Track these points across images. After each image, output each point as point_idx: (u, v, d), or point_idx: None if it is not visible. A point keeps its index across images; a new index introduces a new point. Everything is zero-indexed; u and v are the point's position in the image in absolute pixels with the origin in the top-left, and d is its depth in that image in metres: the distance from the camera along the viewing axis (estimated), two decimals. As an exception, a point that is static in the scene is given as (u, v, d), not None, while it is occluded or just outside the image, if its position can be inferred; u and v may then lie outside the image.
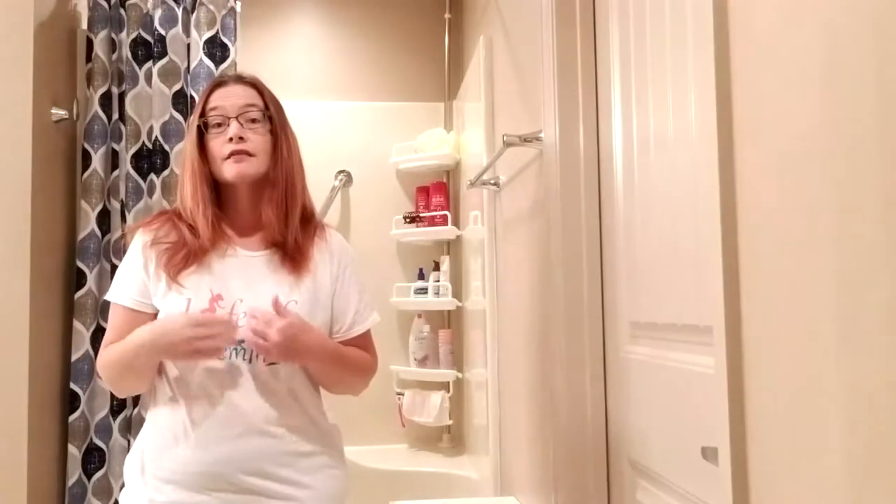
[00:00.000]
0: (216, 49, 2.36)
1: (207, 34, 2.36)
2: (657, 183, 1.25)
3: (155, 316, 1.34)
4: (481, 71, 2.43)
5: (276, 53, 3.14)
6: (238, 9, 2.44)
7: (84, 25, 2.42)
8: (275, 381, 1.33)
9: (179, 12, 2.38)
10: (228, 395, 1.29)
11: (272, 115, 1.39)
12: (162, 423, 1.32)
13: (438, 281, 2.96)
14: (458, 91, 3.08)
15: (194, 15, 2.37)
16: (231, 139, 1.33)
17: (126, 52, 2.37)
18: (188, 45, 2.39)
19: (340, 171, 3.10)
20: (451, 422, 2.94)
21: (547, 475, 1.66)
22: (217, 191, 1.39)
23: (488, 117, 2.39)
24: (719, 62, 0.90)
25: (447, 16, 3.14)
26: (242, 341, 1.29)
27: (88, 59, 2.36)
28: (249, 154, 1.34)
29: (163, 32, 2.36)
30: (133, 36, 2.38)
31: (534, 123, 1.75)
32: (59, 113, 2.21)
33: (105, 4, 2.37)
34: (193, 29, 2.37)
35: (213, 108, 1.35)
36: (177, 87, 2.35)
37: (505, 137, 1.78)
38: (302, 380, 1.37)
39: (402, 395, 2.99)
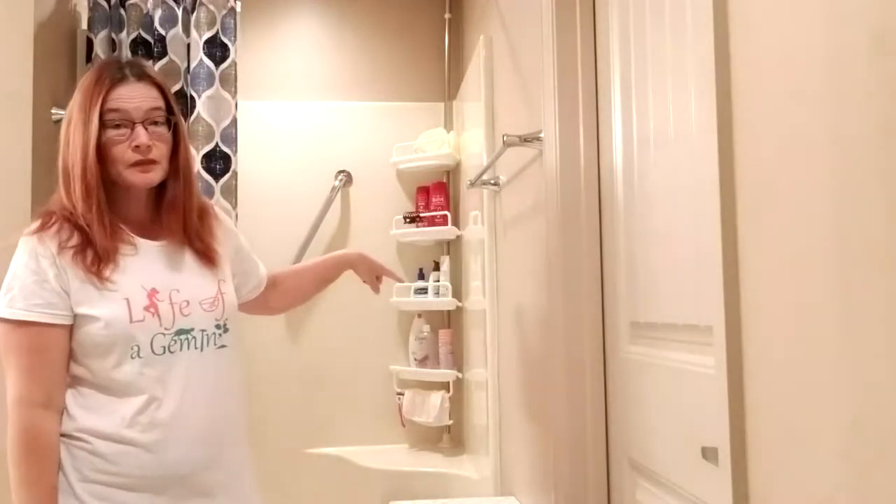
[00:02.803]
0: (216, 49, 2.37)
1: (207, 34, 2.36)
2: (657, 182, 1.25)
3: (70, 329, 1.23)
4: (481, 71, 2.43)
5: (276, 53, 3.14)
6: (238, 9, 2.44)
7: (84, 25, 2.42)
8: (225, 366, 1.33)
9: (179, 12, 2.38)
10: (184, 386, 1.26)
11: (176, 121, 1.34)
12: (99, 424, 1.22)
13: (438, 281, 2.96)
14: (458, 91, 3.08)
15: (194, 15, 2.38)
16: (138, 147, 1.26)
17: (126, 52, 2.37)
18: (188, 46, 2.39)
19: (340, 171, 3.10)
20: (451, 422, 2.94)
21: (547, 475, 1.66)
22: (106, 186, 1.29)
23: (488, 117, 2.39)
24: (719, 61, 0.90)
25: (447, 16, 3.14)
26: (190, 330, 1.28)
27: (88, 59, 2.36)
28: (154, 162, 1.28)
29: (163, 32, 2.36)
30: (133, 36, 2.38)
31: (534, 123, 1.75)
32: (59, 113, 2.21)
33: (105, 4, 2.37)
34: (193, 29, 2.37)
35: (115, 110, 1.26)
36: (176, 87, 2.35)
37: (505, 137, 1.78)
38: (239, 360, 1.39)
39: (402, 395, 2.99)
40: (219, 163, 2.37)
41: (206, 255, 1.37)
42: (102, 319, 1.22)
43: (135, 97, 1.28)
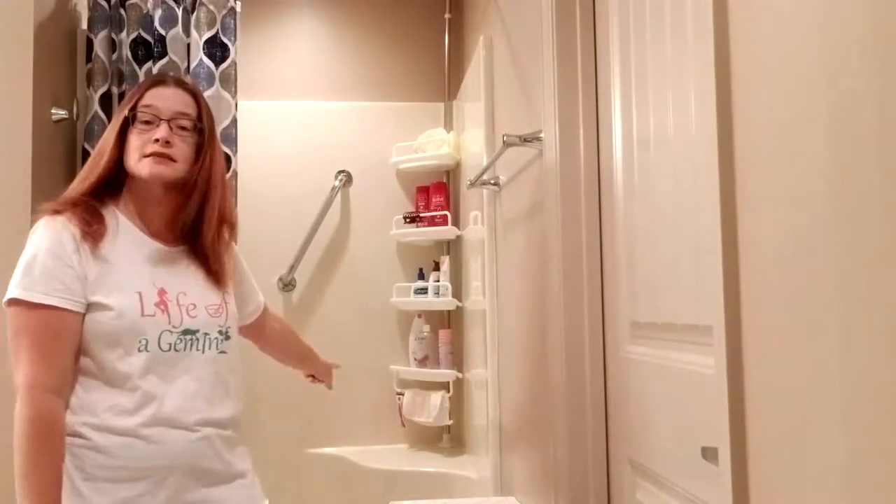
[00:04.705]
0: (216, 49, 2.36)
1: (207, 34, 2.36)
2: (657, 182, 1.25)
3: (82, 317, 1.24)
4: (481, 71, 2.43)
5: (276, 53, 3.14)
6: (238, 9, 2.44)
7: (84, 25, 2.42)
8: (225, 370, 1.36)
9: (179, 12, 2.38)
10: (185, 384, 1.29)
11: (203, 128, 1.37)
12: (102, 418, 1.23)
13: (438, 281, 2.96)
14: (458, 91, 3.08)
15: (194, 15, 2.37)
16: (157, 140, 1.30)
17: (126, 52, 2.37)
18: (188, 46, 2.39)
19: (340, 171, 3.10)
20: (451, 422, 2.94)
21: (547, 475, 1.66)
22: (128, 184, 1.36)
23: (488, 117, 2.39)
24: (719, 62, 0.90)
25: (447, 16, 3.14)
26: (196, 331, 1.31)
27: (88, 59, 2.36)
28: (171, 159, 1.31)
29: (163, 32, 2.36)
30: (133, 36, 2.38)
31: (534, 123, 1.75)
32: (59, 113, 2.21)
33: (105, 4, 2.37)
34: (193, 29, 2.37)
35: (147, 105, 1.32)
36: (177, 87, 2.35)
37: (505, 137, 1.78)
38: (237, 366, 1.41)
39: (402, 395, 2.99)
40: (219, 163, 2.37)
41: (217, 272, 1.39)
42: (115, 309, 1.25)
43: (167, 98, 1.34)
